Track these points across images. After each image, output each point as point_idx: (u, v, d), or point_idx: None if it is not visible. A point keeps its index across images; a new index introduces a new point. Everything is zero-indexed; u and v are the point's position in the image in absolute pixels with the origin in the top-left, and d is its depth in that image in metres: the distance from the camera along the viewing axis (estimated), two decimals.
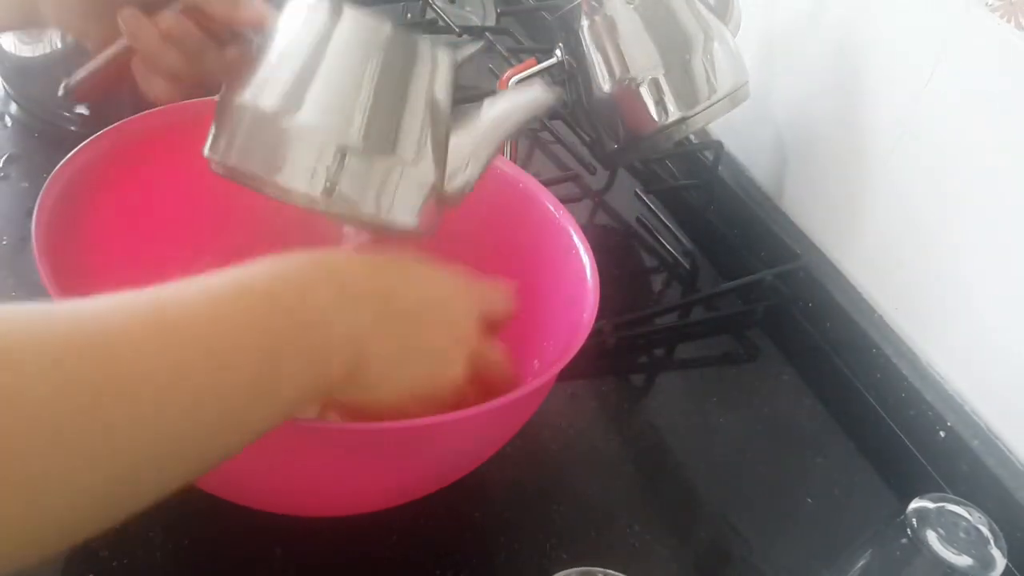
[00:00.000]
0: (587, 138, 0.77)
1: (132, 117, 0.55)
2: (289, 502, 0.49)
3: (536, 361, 0.54)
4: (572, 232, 0.57)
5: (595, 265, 0.54)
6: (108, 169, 0.53)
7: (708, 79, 0.68)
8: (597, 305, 0.52)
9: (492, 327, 0.45)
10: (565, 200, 0.59)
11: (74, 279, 0.44)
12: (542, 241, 0.58)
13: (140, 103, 0.56)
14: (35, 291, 0.43)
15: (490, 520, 0.55)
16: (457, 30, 0.85)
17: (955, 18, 0.62)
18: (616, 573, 0.44)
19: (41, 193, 0.48)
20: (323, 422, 0.45)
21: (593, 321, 0.50)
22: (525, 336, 0.58)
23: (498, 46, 0.84)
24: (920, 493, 0.46)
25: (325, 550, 0.51)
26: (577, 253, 0.56)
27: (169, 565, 0.49)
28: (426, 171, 0.45)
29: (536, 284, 0.59)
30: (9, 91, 0.78)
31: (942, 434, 0.64)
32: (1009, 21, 0.58)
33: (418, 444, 0.46)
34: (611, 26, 0.69)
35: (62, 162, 0.50)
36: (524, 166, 0.83)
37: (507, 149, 0.72)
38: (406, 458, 0.47)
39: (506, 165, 0.62)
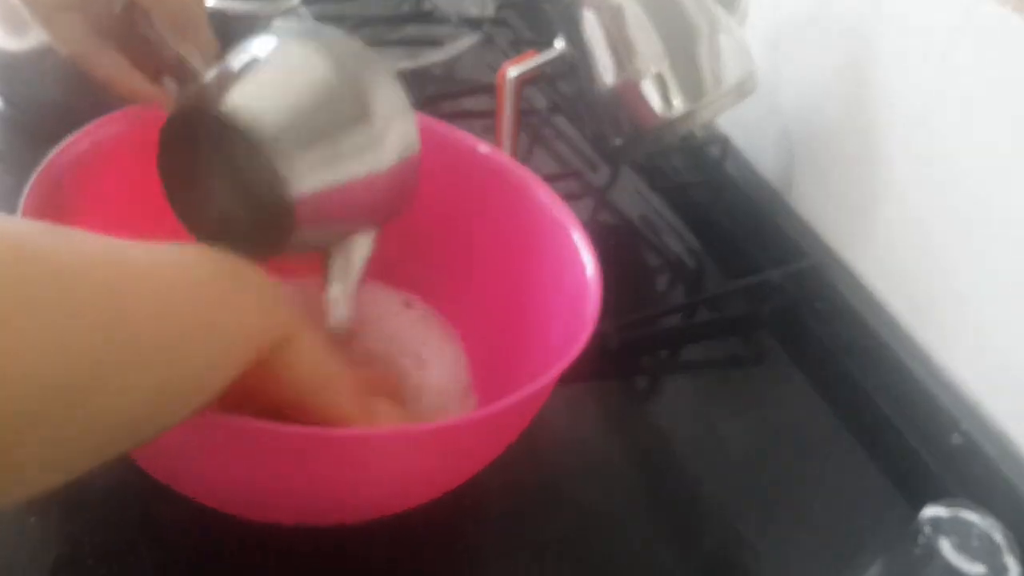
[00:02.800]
0: (589, 133, 0.76)
1: (112, 113, 0.54)
2: (283, 513, 0.48)
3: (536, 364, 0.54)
4: (573, 231, 0.56)
5: (598, 265, 0.53)
6: (94, 164, 0.52)
7: (714, 71, 0.67)
8: (599, 307, 0.51)
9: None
10: (567, 197, 0.59)
11: None
12: (542, 240, 0.58)
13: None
14: None
15: (488, 527, 0.54)
16: (455, 21, 0.84)
17: (966, 10, 0.61)
18: None
19: (24, 194, 0.47)
20: (313, 429, 0.44)
21: (594, 323, 0.49)
22: (525, 338, 0.57)
23: (497, 38, 0.83)
24: (933, 499, 0.45)
25: (319, 558, 0.50)
26: (578, 253, 0.55)
27: (157, 573, 0.48)
28: None
29: (536, 285, 0.58)
30: None
31: (956, 439, 0.63)
32: (1021, 14, 0.57)
33: (415, 451, 0.45)
34: (613, 17, 0.68)
35: (44, 162, 0.49)
36: (525, 162, 0.82)
37: (507, 145, 0.71)
38: (402, 465, 0.46)
39: (505, 160, 0.61)
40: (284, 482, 0.45)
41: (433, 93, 0.87)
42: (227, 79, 0.44)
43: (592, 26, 0.68)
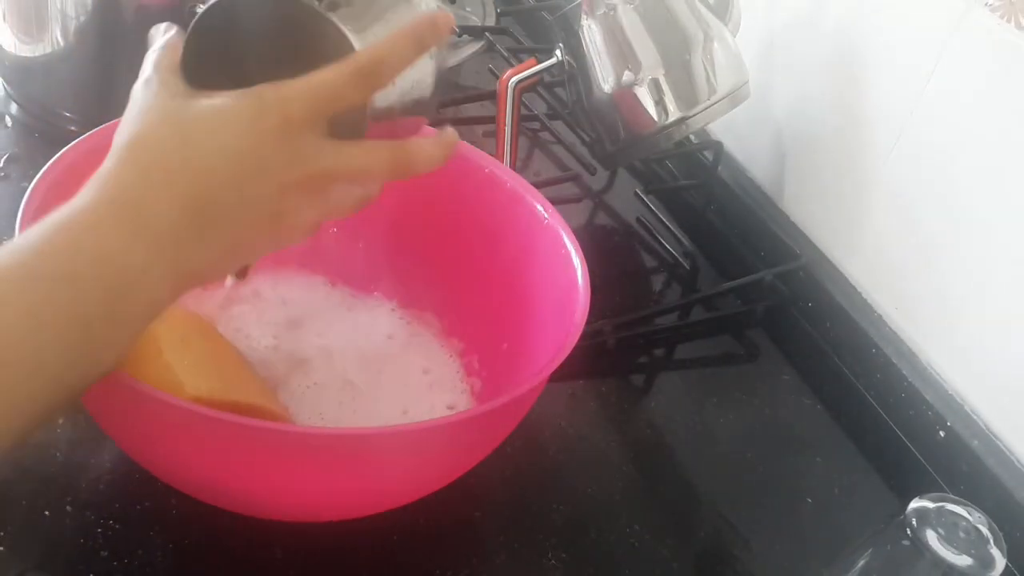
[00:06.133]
0: (587, 138, 0.77)
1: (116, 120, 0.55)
2: (280, 510, 0.49)
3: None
4: (563, 236, 0.56)
5: (587, 269, 0.54)
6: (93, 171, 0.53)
7: (708, 79, 0.69)
8: (587, 310, 0.51)
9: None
10: (565, 200, 0.59)
11: None
12: (533, 245, 0.58)
13: None
14: None
15: (490, 520, 0.55)
16: (457, 30, 0.85)
17: (955, 18, 0.62)
18: None
19: (25, 197, 0.48)
20: (310, 429, 0.44)
21: (583, 326, 0.50)
22: (516, 341, 0.58)
23: (498, 46, 0.84)
24: (920, 493, 0.46)
25: (325, 551, 0.51)
26: (568, 257, 0.55)
27: (169, 566, 0.49)
28: None
29: (527, 288, 0.58)
30: (9, 91, 0.78)
31: (942, 434, 0.64)
32: (1009, 21, 0.58)
33: (407, 449, 0.46)
34: (611, 26, 0.69)
35: (46, 166, 0.50)
36: (524, 166, 0.84)
37: (507, 149, 0.72)
38: (396, 463, 0.47)
39: (496, 167, 0.61)
40: (290, 484, 0.45)
41: None
42: None
43: (590, 35, 0.70)
